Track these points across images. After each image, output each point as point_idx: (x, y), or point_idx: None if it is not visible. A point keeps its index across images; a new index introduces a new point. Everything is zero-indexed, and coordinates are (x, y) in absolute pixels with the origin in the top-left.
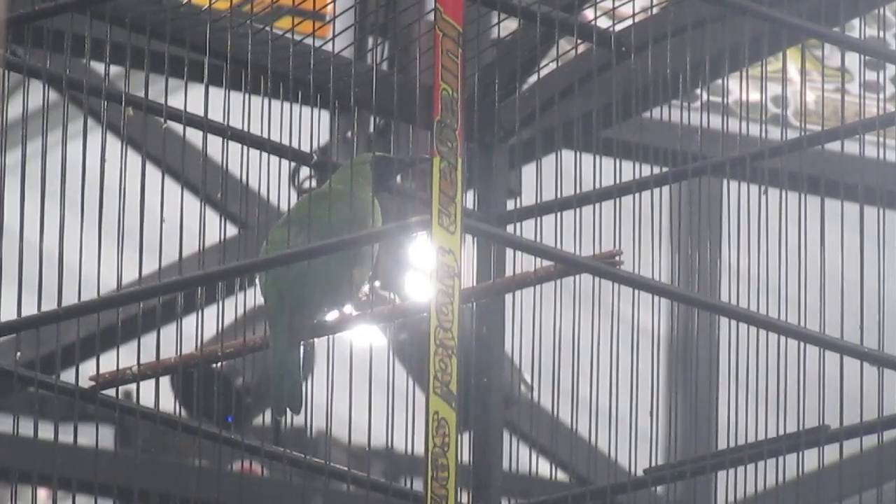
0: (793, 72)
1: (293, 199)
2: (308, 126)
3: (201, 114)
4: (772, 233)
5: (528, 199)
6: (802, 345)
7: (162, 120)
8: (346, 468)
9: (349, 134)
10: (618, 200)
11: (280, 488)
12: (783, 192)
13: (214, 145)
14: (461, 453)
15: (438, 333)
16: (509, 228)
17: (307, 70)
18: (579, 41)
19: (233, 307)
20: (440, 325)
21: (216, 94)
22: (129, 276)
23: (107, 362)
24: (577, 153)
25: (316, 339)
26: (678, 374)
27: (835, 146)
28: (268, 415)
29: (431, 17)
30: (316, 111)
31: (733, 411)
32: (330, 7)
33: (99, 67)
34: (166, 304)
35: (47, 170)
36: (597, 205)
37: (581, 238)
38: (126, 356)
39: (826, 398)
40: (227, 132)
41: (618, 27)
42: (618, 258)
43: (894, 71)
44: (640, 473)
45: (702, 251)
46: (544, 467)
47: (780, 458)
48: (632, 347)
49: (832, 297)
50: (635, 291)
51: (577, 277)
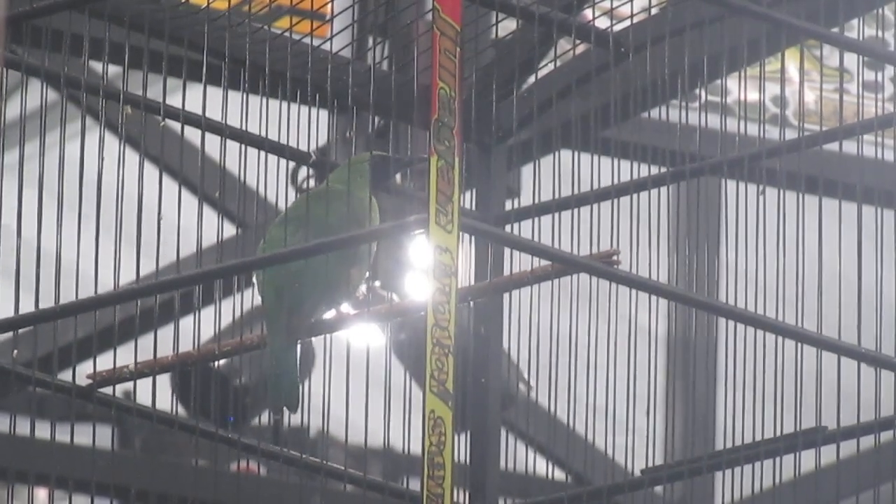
0: (792, 72)
1: (292, 199)
2: (307, 126)
3: (199, 113)
4: (770, 233)
5: (526, 199)
6: (800, 345)
7: (160, 119)
8: (343, 467)
9: (348, 133)
10: (616, 200)
11: (278, 488)
12: (781, 192)
13: (213, 144)
14: (458, 452)
15: (435, 332)
16: (507, 228)
17: (306, 69)
18: (578, 41)
19: (230, 306)
20: (437, 323)
21: (214, 93)
22: (127, 274)
23: (105, 362)
24: (576, 153)
25: (313, 339)
26: (676, 374)
27: (833, 146)
28: (267, 415)
29: (430, 16)
30: (315, 111)
31: (731, 411)
32: (328, 6)
33: (97, 66)
34: (164, 303)
35: (45, 169)
36: (595, 205)
37: (579, 238)
38: (124, 355)
39: (823, 399)
40: (225, 131)
41: (617, 27)
42: (615, 258)
43: (893, 71)
44: (637, 473)
45: (700, 251)
46: (542, 466)
47: (778, 459)
48: (629, 347)
49: (830, 298)
50: (633, 291)
51: (576, 277)
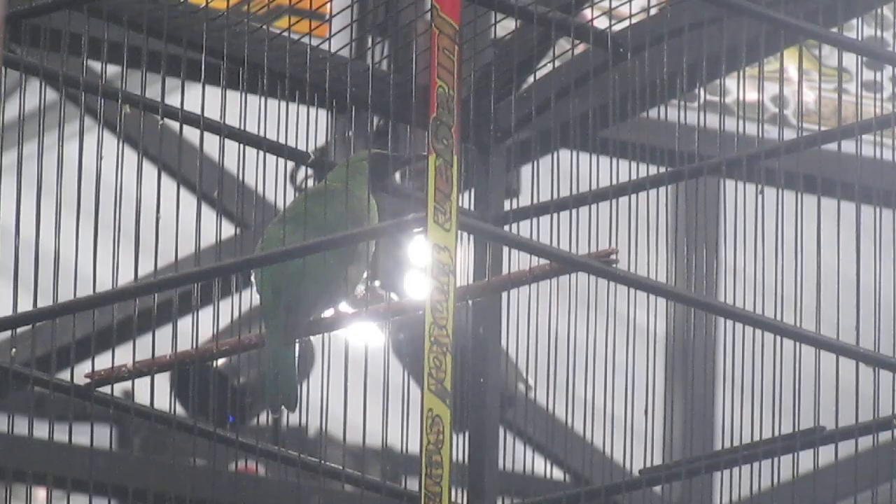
0: (791, 71)
1: (291, 199)
2: (305, 125)
3: (198, 112)
4: (769, 232)
5: (525, 199)
6: (799, 345)
7: (159, 118)
8: (341, 467)
9: (347, 133)
10: (615, 200)
11: (276, 487)
12: (780, 192)
13: (211, 144)
14: (456, 451)
15: (433, 330)
16: (506, 228)
17: (304, 69)
18: (577, 41)
19: (229, 306)
20: (435, 322)
21: (213, 92)
22: (126, 273)
23: (104, 361)
24: (575, 153)
25: (312, 338)
26: (675, 374)
27: (832, 146)
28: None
29: (429, 16)
30: (314, 110)
31: (729, 411)
32: (327, 6)
33: (96, 66)
34: (162, 302)
35: (44, 168)
36: (593, 205)
37: (578, 237)
38: (122, 355)
39: (822, 399)
40: (224, 131)
41: (615, 27)
42: (613, 257)
43: (892, 71)
44: (636, 473)
45: (699, 251)
46: (540, 466)
47: (776, 459)
48: (628, 346)
49: (829, 298)
50: (631, 290)
51: (574, 276)
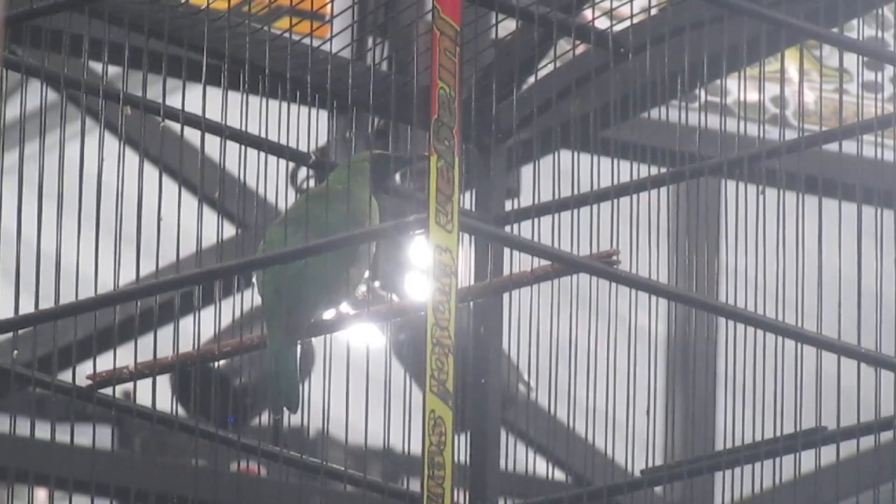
0: (791, 72)
1: (292, 200)
2: (306, 126)
3: (199, 113)
4: (770, 233)
5: (526, 199)
6: (800, 345)
7: (160, 119)
8: (342, 468)
9: (348, 134)
10: (616, 201)
11: (278, 488)
12: (781, 192)
13: (212, 145)
14: (458, 452)
15: (435, 332)
16: (507, 229)
17: (305, 70)
18: (578, 42)
19: (230, 307)
20: (437, 323)
21: (214, 93)
22: (127, 275)
23: (105, 362)
24: (576, 154)
25: (313, 339)
26: (676, 374)
27: (833, 146)
28: (267, 415)
29: (430, 16)
30: (314, 111)
31: (730, 412)
32: (328, 7)
33: (97, 67)
34: (164, 303)
35: (45, 169)
36: (594, 205)
37: (579, 238)
38: (124, 356)
39: (823, 399)
40: (225, 132)
41: (616, 28)
42: (615, 258)
43: (893, 71)
44: (637, 474)
45: (699, 251)
46: (542, 467)
47: (777, 459)
48: (629, 347)
49: (830, 298)
50: (632, 291)
51: (575, 277)
